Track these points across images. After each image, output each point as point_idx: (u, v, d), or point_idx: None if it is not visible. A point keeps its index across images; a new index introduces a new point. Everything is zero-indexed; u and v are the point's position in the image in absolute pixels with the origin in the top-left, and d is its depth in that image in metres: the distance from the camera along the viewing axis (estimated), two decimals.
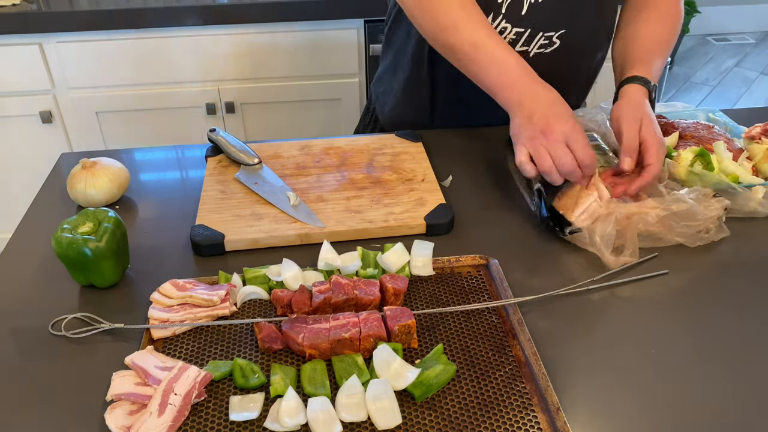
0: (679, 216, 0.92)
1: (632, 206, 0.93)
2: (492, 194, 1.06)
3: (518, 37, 1.09)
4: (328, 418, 0.66)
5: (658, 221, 0.92)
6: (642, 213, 0.92)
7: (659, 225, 0.92)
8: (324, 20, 1.96)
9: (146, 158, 1.20)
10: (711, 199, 0.94)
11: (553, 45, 1.11)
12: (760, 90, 3.66)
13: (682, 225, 0.92)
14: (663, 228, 0.93)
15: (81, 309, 0.82)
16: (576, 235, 0.93)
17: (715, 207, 0.93)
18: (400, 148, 1.15)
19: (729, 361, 0.75)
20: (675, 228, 0.92)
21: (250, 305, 0.83)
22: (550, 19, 1.09)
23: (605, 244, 0.90)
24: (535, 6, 1.06)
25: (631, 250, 0.90)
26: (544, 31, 1.09)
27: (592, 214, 0.92)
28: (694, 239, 0.93)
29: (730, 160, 1.02)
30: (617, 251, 0.91)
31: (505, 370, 0.73)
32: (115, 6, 1.88)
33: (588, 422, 0.68)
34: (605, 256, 0.90)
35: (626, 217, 0.92)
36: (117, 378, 0.71)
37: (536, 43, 1.10)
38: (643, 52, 1.08)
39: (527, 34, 1.09)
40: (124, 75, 1.98)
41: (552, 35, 1.10)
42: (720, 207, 0.93)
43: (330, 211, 0.98)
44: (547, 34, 1.10)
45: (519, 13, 1.07)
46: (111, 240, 0.82)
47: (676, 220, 0.92)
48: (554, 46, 1.11)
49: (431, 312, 0.81)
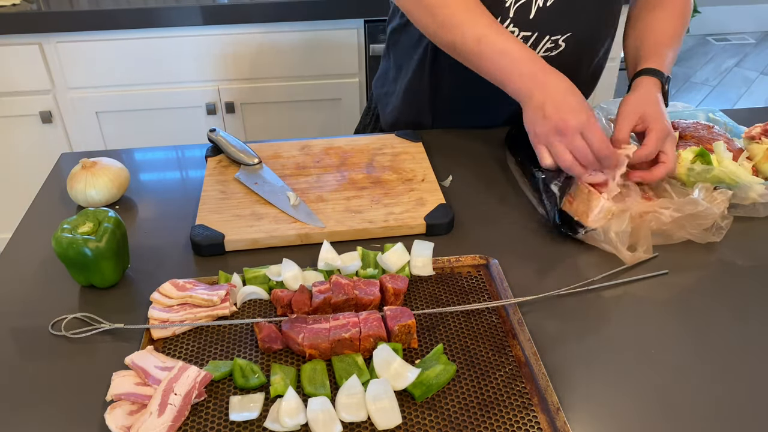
0: (693, 216, 0.92)
1: (646, 205, 0.93)
2: (492, 194, 1.06)
3: (525, 41, 1.09)
4: (328, 418, 0.66)
5: (671, 221, 0.92)
6: (656, 212, 0.92)
7: (671, 224, 0.93)
8: (324, 20, 1.96)
9: (146, 158, 1.20)
10: (714, 193, 0.94)
11: (559, 48, 1.11)
12: (760, 90, 3.66)
13: (694, 224, 0.93)
14: (674, 226, 0.93)
15: (81, 309, 0.82)
16: (589, 234, 0.92)
17: (720, 200, 0.93)
18: (400, 148, 1.15)
19: (729, 361, 0.75)
20: (686, 227, 0.93)
21: (250, 305, 0.83)
22: (557, 22, 1.09)
23: (621, 241, 0.90)
24: (544, 9, 1.06)
25: (645, 247, 0.90)
26: (551, 34, 1.09)
27: (606, 214, 0.92)
28: (704, 236, 0.93)
29: (730, 160, 1.02)
30: (630, 249, 0.91)
31: (505, 370, 0.73)
32: (115, 6, 1.88)
33: (588, 422, 0.68)
34: (622, 253, 0.90)
35: (640, 215, 0.92)
36: (117, 378, 0.71)
37: (542, 47, 1.11)
38: (656, 45, 1.09)
39: (534, 38, 1.09)
40: (124, 75, 1.98)
41: (558, 38, 1.10)
42: (725, 199, 0.94)
43: (330, 211, 0.98)
44: (553, 37, 1.10)
45: (527, 17, 1.07)
46: (111, 240, 0.82)
47: (689, 220, 0.92)
48: (560, 48, 1.12)
49: (431, 312, 0.81)
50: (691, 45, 4.13)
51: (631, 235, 0.91)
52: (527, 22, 1.07)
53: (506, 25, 1.07)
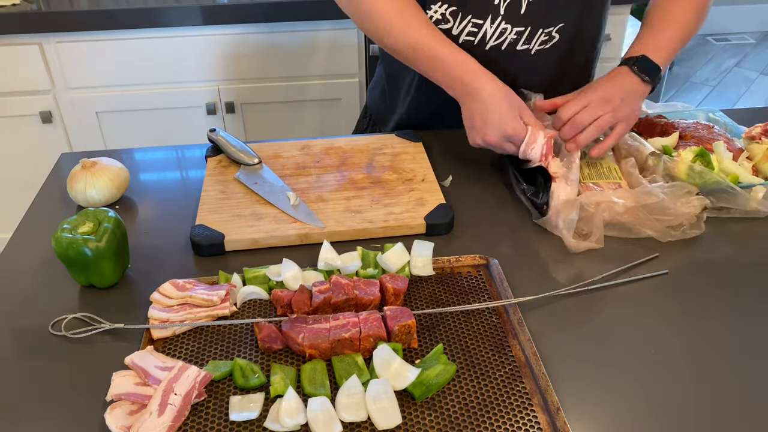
0: (649, 209, 0.92)
1: (602, 194, 0.94)
2: (492, 194, 1.06)
3: (519, 37, 1.09)
4: (328, 418, 0.66)
5: (627, 212, 0.93)
6: (610, 201, 0.93)
7: (628, 215, 0.93)
8: (324, 20, 1.96)
9: (146, 158, 1.20)
10: (690, 196, 0.94)
11: (553, 39, 1.12)
12: (760, 90, 3.66)
13: (652, 218, 0.92)
14: (632, 219, 0.93)
15: (81, 309, 0.82)
16: (544, 220, 0.95)
17: (692, 204, 0.93)
18: (400, 148, 1.15)
19: (729, 361, 0.75)
20: (644, 221, 0.92)
21: (250, 305, 0.83)
22: (549, 14, 1.09)
23: (567, 228, 0.92)
24: (534, 3, 1.07)
25: (597, 237, 0.91)
26: (544, 27, 1.10)
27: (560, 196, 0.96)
28: (664, 234, 0.93)
29: (730, 160, 1.02)
30: (585, 237, 0.92)
31: (505, 370, 0.73)
32: (115, 6, 1.88)
33: (588, 422, 0.68)
34: (567, 240, 0.91)
35: (594, 204, 0.93)
36: (117, 378, 0.71)
37: (537, 40, 1.11)
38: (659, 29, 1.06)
39: (527, 33, 1.09)
40: (124, 75, 1.98)
41: (551, 30, 1.10)
42: (699, 205, 0.93)
43: (330, 211, 0.98)
44: (546, 30, 1.10)
45: (518, 12, 1.07)
46: (111, 240, 0.82)
47: (646, 213, 0.92)
48: (554, 40, 1.12)
49: (431, 312, 0.81)
50: (691, 45, 4.13)
51: (585, 223, 0.93)
52: (519, 18, 1.07)
53: (498, 23, 1.08)
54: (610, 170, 1.03)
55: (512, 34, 1.09)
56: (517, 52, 1.11)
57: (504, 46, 1.10)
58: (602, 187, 0.97)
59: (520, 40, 1.10)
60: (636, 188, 0.95)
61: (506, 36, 1.09)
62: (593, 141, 1.00)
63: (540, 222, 0.96)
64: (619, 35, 2.15)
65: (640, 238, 0.94)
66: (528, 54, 1.12)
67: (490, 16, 1.07)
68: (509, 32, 1.08)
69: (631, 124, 1.02)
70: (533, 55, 1.12)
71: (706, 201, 0.95)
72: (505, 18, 1.07)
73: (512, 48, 1.11)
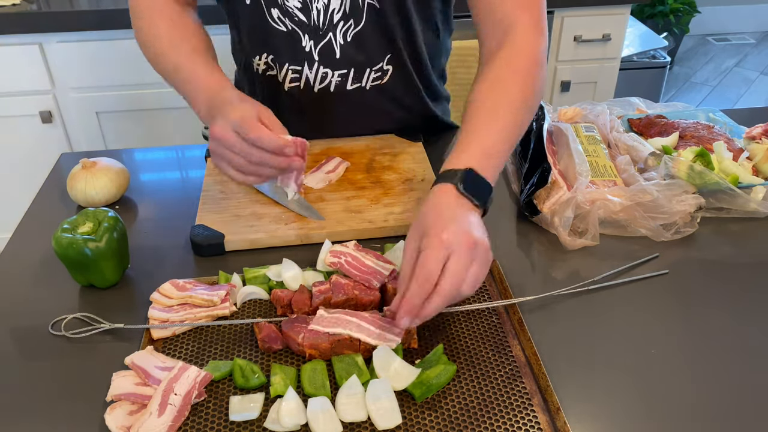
0: (643, 207, 0.92)
1: (597, 192, 0.94)
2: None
3: (344, 78, 1.08)
4: (328, 418, 0.66)
5: (622, 210, 0.93)
6: (605, 200, 0.93)
7: (623, 213, 0.93)
8: None
9: (146, 158, 1.20)
10: (686, 195, 0.94)
11: (387, 73, 1.09)
12: (760, 90, 3.66)
13: (647, 216, 0.92)
14: (627, 216, 0.93)
15: (81, 309, 0.82)
16: (539, 217, 0.95)
17: (687, 203, 0.93)
18: (400, 148, 1.15)
19: (729, 361, 0.75)
20: (639, 219, 0.92)
21: (250, 305, 0.83)
22: (368, 53, 1.06)
23: (563, 225, 0.92)
24: (347, 46, 1.04)
25: (592, 235, 0.92)
26: (370, 66, 1.08)
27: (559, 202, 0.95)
28: (658, 233, 0.93)
29: (730, 160, 1.02)
30: (581, 235, 0.92)
31: (505, 370, 0.73)
32: (115, 6, 1.88)
33: (588, 422, 0.68)
34: (562, 237, 0.91)
35: (590, 201, 0.93)
36: (117, 378, 0.71)
37: (367, 78, 1.09)
38: (473, 131, 0.85)
39: (353, 74, 1.07)
40: (124, 75, 1.98)
41: (380, 65, 1.08)
42: (694, 204, 0.93)
43: (330, 211, 0.98)
44: (375, 67, 1.08)
45: (334, 57, 1.05)
46: (111, 240, 0.82)
47: (640, 211, 0.92)
48: (388, 73, 1.10)
49: None
50: (691, 45, 4.13)
51: (581, 220, 0.93)
52: (336, 62, 1.06)
53: (316, 68, 1.06)
54: (605, 168, 1.03)
55: (335, 77, 1.08)
56: (348, 93, 1.09)
57: (332, 89, 1.09)
58: (598, 185, 0.97)
59: (347, 82, 1.08)
60: (631, 186, 0.95)
61: (330, 79, 1.08)
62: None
63: (536, 220, 0.96)
64: (620, 35, 2.15)
65: (640, 237, 0.94)
66: (363, 92, 1.10)
67: (306, 63, 1.06)
68: (331, 76, 1.07)
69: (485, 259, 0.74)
70: (369, 90, 1.10)
71: (701, 200, 0.95)
72: (322, 63, 1.06)
73: (342, 89, 1.09)
